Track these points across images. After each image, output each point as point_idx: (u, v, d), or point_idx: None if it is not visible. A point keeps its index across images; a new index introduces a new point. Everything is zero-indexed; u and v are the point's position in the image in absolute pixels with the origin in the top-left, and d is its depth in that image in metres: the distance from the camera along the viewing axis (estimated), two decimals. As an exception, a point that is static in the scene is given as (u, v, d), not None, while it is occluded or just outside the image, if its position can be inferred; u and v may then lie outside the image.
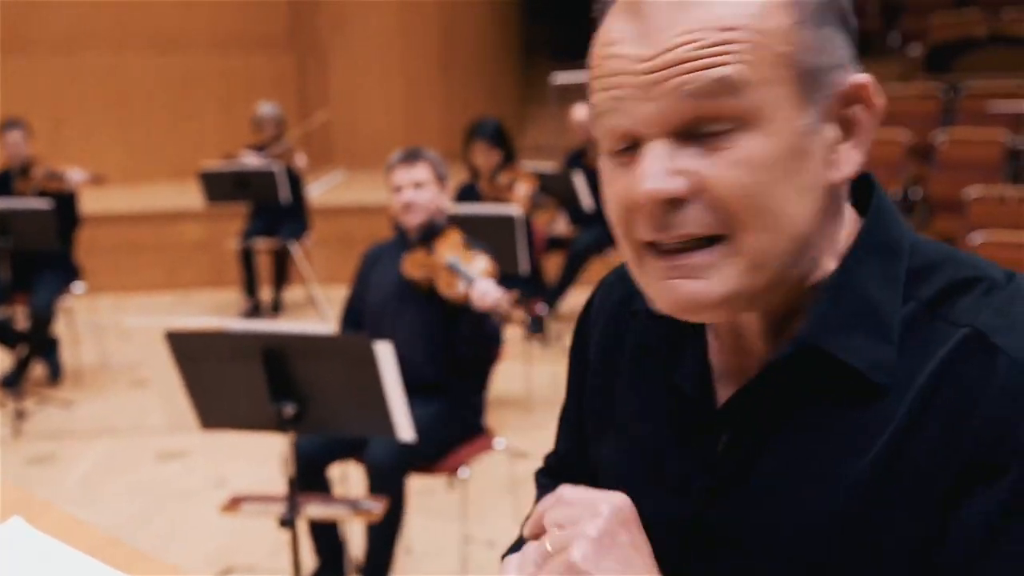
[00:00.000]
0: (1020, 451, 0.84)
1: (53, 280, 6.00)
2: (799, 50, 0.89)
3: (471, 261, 3.59)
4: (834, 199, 0.94)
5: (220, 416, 2.99)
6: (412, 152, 3.68)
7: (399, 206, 3.66)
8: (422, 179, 3.63)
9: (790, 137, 0.89)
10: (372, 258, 3.83)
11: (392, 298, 3.69)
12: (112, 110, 10.09)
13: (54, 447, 5.23)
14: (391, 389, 2.82)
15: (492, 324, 3.49)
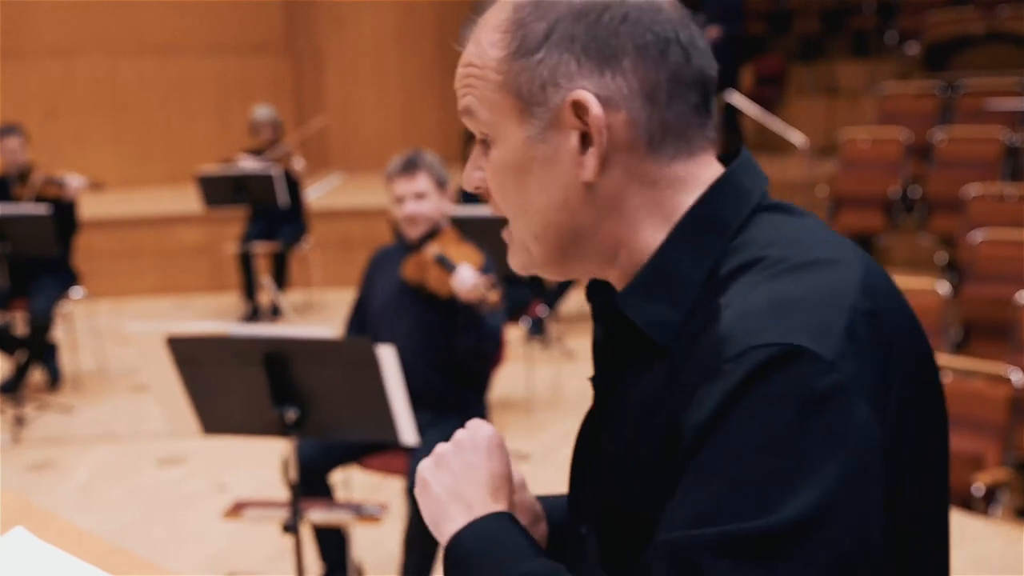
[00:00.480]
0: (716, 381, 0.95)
1: (52, 286, 5.99)
2: (509, 77, 1.08)
3: (456, 253, 3.60)
4: (606, 193, 1.08)
5: (222, 421, 2.98)
6: (411, 161, 3.63)
7: (401, 217, 3.66)
8: (423, 190, 3.61)
9: (516, 146, 1.09)
10: (377, 261, 3.83)
11: (393, 302, 3.69)
12: (106, 115, 10.08)
13: (54, 453, 5.22)
14: (394, 392, 2.81)
15: (490, 322, 3.47)
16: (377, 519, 2.98)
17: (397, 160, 3.67)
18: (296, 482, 2.95)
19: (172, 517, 4.48)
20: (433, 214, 3.64)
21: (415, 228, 3.65)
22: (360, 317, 3.82)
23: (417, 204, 3.61)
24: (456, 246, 3.63)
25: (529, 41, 1.07)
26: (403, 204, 3.63)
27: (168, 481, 4.87)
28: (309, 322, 7.66)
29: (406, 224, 3.66)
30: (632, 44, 1.05)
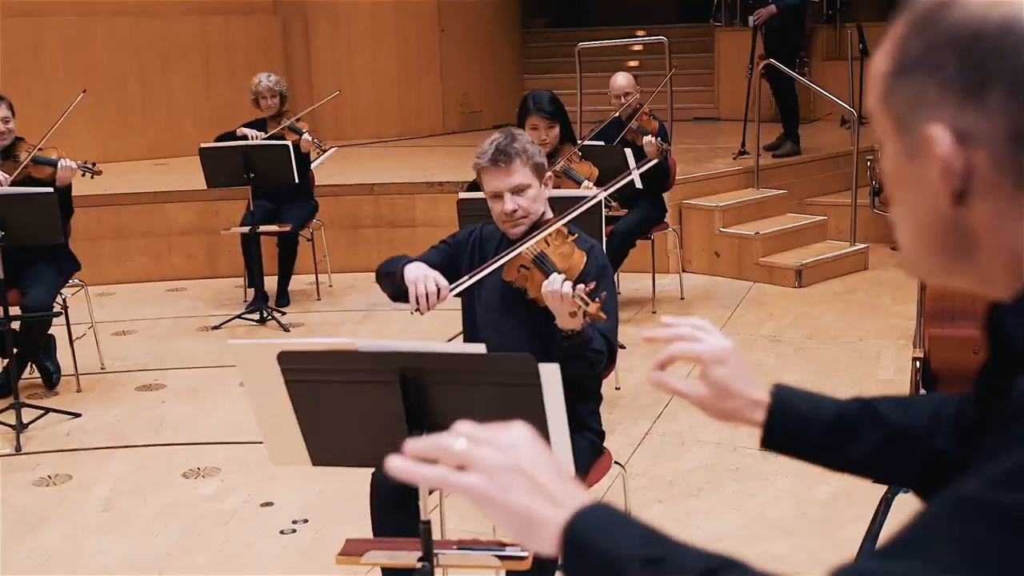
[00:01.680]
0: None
1: (50, 274, 5.36)
2: (887, 93, 1.05)
3: (558, 254, 3.06)
4: (975, 223, 1.01)
5: (337, 451, 2.44)
6: (503, 151, 3.06)
7: (497, 216, 3.11)
8: (522, 182, 3.06)
9: (892, 159, 1.07)
10: (479, 241, 3.24)
11: (496, 300, 3.16)
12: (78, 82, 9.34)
13: (64, 466, 4.62)
14: (555, 417, 2.28)
15: (594, 345, 2.91)
16: (523, 562, 2.46)
17: (486, 147, 3.11)
18: (428, 521, 2.42)
19: (215, 541, 3.92)
20: (535, 208, 3.11)
21: (515, 227, 3.11)
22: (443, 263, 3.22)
23: (515, 200, 3.07)
24: (560, 245, 3.09)
25: (906, 61, 1.03)
26: (499, 201, 3.08)
27: (202, 498, 4.30)
28: (322, 311, 7.09)
29: (503, 223, 3.12)
30: (1003, 79, 0.95)
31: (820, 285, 7.25)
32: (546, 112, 4.99)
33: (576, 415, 3.15)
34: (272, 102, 6.97)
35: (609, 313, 2.97)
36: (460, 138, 11.09)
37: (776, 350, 5.89)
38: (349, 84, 10.50)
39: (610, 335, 2.97)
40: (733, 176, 8.31)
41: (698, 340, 1.52)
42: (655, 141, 6.16)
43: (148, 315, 7.01)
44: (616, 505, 1.08)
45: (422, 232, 7.98)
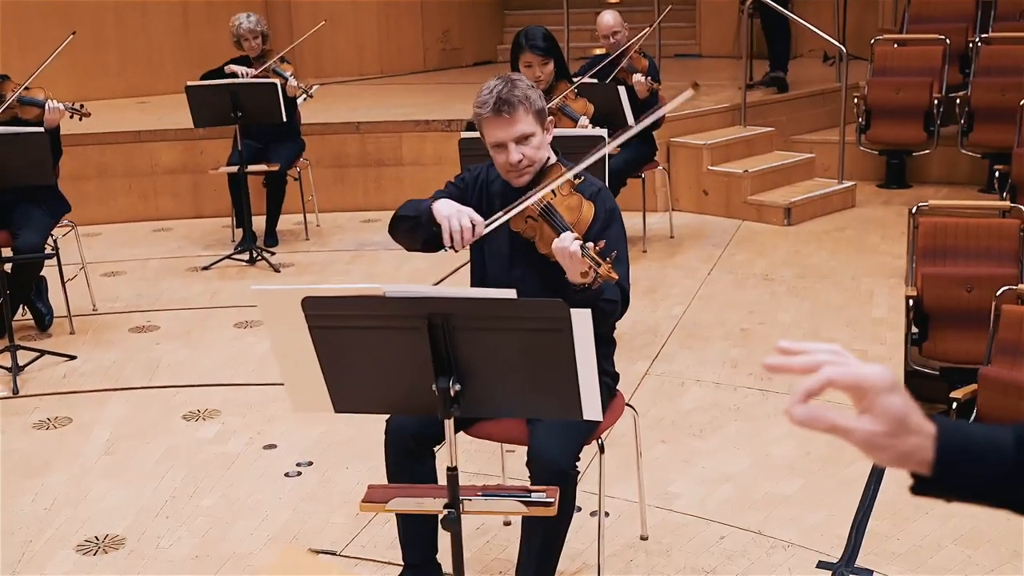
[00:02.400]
0: None
1: (40, 216, 5.29)
2: None
3: (565, 206, 3.00)
4: None
5: (361, 398, 2.43)
6: (505, 100, 2.94)
7: (501, 166, 3.04)
8: (525, 131, 2.97)
9: None
10: (483, 185, 3.16)
11: (503, 247, 3.09)
12: (53, 19, 9.17)
13: (62, 409, 4.59)
14: (585, 363, 2.28)
15: (608, 295, 2.86)
16: (550, 508, 2.46)
17: (485, 96, 2.97)
18: (455, 468, 2.42)
19: (220, 484, 3.91)
20: (539, 156, 3.04)
21: (521, 178, 3.04)
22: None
23: (520, 150, 2.98)
24: (567, 196, 3.02)
25: None
26: (502, 152, 2.99)
27: (204, 440, 4.28)
28: (310, 250, 7.04)
29: (507, 173, 3.05)
30: None
31: (809, 223, 7.26)
32: (540, 49, 4.90)
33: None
34: (255, 43, 6.84)
35: (621, 260, 2.94)
36: (442, 75, 10.96)
37: (769, 288, 5.90)
38: (329, 21, 10.31)
39: (623, 282, 2.94)
40: (720, 114, 8.26)
41: (846, 365, 1.22)
42: (645, 80, 6.11)
43: (136, 256, 6.94)
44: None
45: (408, 171, 7.93)
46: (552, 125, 3.09)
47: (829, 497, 3.66)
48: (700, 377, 4.73)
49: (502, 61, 11.42)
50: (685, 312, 5.56)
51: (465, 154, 4.25)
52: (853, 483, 3.72)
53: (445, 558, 3.06)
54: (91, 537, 3.55)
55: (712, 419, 4.31)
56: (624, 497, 3.65)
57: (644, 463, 3.46)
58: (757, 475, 3.85)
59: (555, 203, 2.98)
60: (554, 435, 2.88)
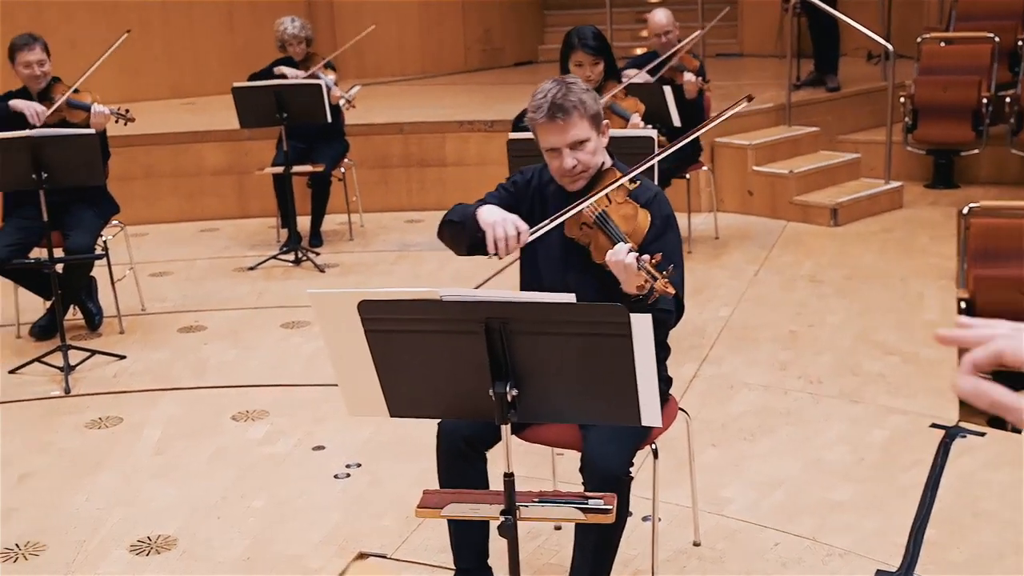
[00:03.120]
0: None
1: (91, 217, 5.34)
2: None
3: (620, 215, 2.94)
4: None
5: (417, 403, 2.42)
6: (559, 105, 2.89)
7: (555, 171, 3.00)
8: (580, 136, 2.93)
9: None
10: (538, 187, 3.13)
11: (557, 252, 3.06)
12: (101, 20, 9.25)
13: (113, 409, 4.63)
14: (644, 369, 2.26)
15: (662, 305, 2.82)
16: (608, 515, 2.44)
17: (539, 100, 2.92)
18: (512, 473, 2.41)
19: (270, 485, 3.92)
20: (594, 161, 3.00)
21: (575, 183, 3.01)
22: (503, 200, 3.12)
23: (574, 156, 2.94)
24: (622, 204, 2.97)
25: None
26: (556, 157, 2.96)
27: (253, 441, 4.30)
28: (355, 251, 7.06)
29: (563, 179, 3.02)
30: None
31: (855, 224, 7.19)
32: (591, 48, 4.87)
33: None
34: (299, 48, 6.88)
35: (676, 266, 2.91)
36: (483, 75, 10.96)
37: (817, 290, 5.85)
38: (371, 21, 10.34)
39: (679, 289, 2.90)
40: (764, 114, 8.20)
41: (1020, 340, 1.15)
42: (696, 80, 6.07)
43: (183, 256, 6.99)
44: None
45: (451, 171, 7.93)
46: (608, 128, 3.06)
47: (884, 504, 3.62)
48: (749, 380, 4.69)
49: (543, 61, 11.41)
50: (732, 314, 5.52)
51: (514, 155, 4.24)
52: (909, 490, 3.67)
53: (495, 561, 3.06)
54: (144, 537, 3.57)
55: (762, 423, 4.28)
56: (675, 502, 3.63)
57: (696, 466, 3.43)
58: (809, 480, 3.80)
59: (610, 211, 2.94)
60: (608, 440, 2.86)
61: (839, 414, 4.32)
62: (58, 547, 3.52)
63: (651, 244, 2.87)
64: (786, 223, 7.27)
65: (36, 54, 5.29)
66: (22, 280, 5.31)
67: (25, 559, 3.46)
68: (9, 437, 4.37)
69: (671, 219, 3.00)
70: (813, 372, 4.74)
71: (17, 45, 5.31)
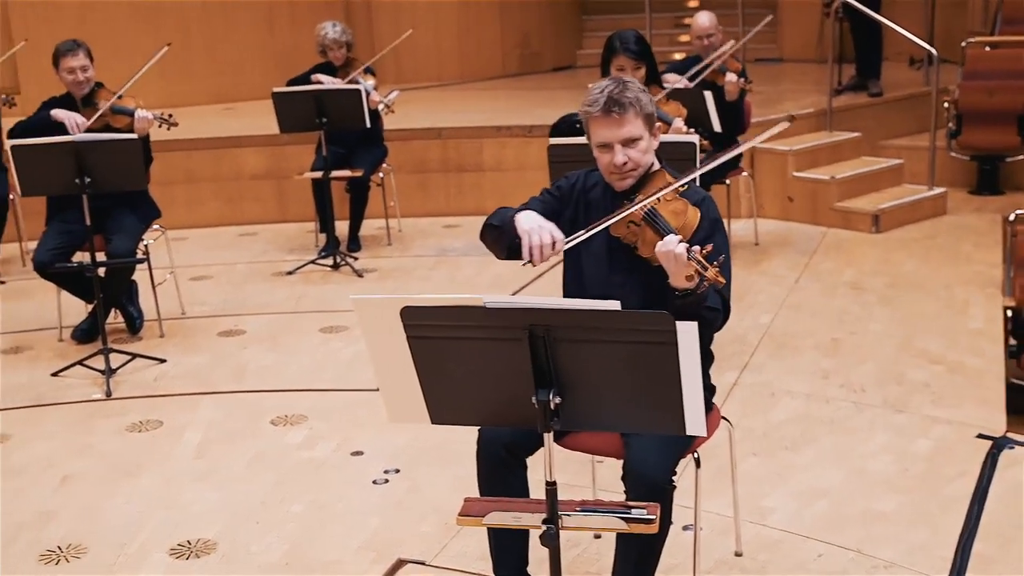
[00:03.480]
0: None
1: (133, 222, 5.37)
2: None
3: (670, 210, 2.94)
4: None
5: (459, 410, 2.40)
6: (616, 100, 2.90)
7: (605, 167, 3.00)
8: (633, 134, 2.93)
9: None
10: (584, 188, 3.12)
11: (604, 253, 3.04)
12: (143, 25, 9.33)
13: (153, 412, 4.64)
14: (690, 377, 2.23)
15: (710, 303, 2.80)
16: (650, 525, 2.42)
17: (596, 95, 2.94)
18: (554, 482, 2.39)
19: (309, 490, 3.92)
20: (645, 160, 2.99)
21: (623, 181, 3.00)
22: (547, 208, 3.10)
23: (626, 152, 2.94)
24: (671, 201, 2.96)
25: None
26: (608, 152, 2.95)
27: (292, 446, 4.30)
28: (393, 256, 7.06)
29: (611, 175, 3.00)
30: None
31: (898, 231, 7.11)
32: (634, 52, 4.83)
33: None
34: (339, 53, 6.90)
35: (725, 269, 2.89)
36: (521, 80, 10.95)
37: (859, 298, 5.78)
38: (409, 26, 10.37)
39: (725, 291, 2.88)
40: (805, 119, 8.13)
41: None
42: (738, 80, 6.03)
43: (223, 260, 7.03)
44: None
45: (489, 176, 7.92)
46: (659, 131, 3.04)
47: (930, 515, 3.56)
48: (791, 388, 4.64)
49: (581, 66, 11.38)
50: (773, 321, 5.47)
51: (555, 160, 4.22)
52: (955, 502, 3.61)
53: (535, 569, 3.04)
54: (183, 541, 3.57)
55: (805, 431, 4.23)
56: (716, 511, 3.59)
57: (737, 475, 3.39)
58: (853, 491, 3.75)
59: (659, 207, 2.94)
60: (651, 449, 2.83)
61: (883, 423, 4.26)
62: (99, 550, 3.53)
63: (700, 243, 2.85)
64: (827, 230, 7.20)
65: (79, 60, 5.33)
66: (65, 283, 5.34)
67: (67, 561, 3.48)
68: (50, 440, 4.40)
69: (719, 223, 2.98)
70: (856, 381, 4.68)
71: (60, 51, 5.35)
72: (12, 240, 6.97)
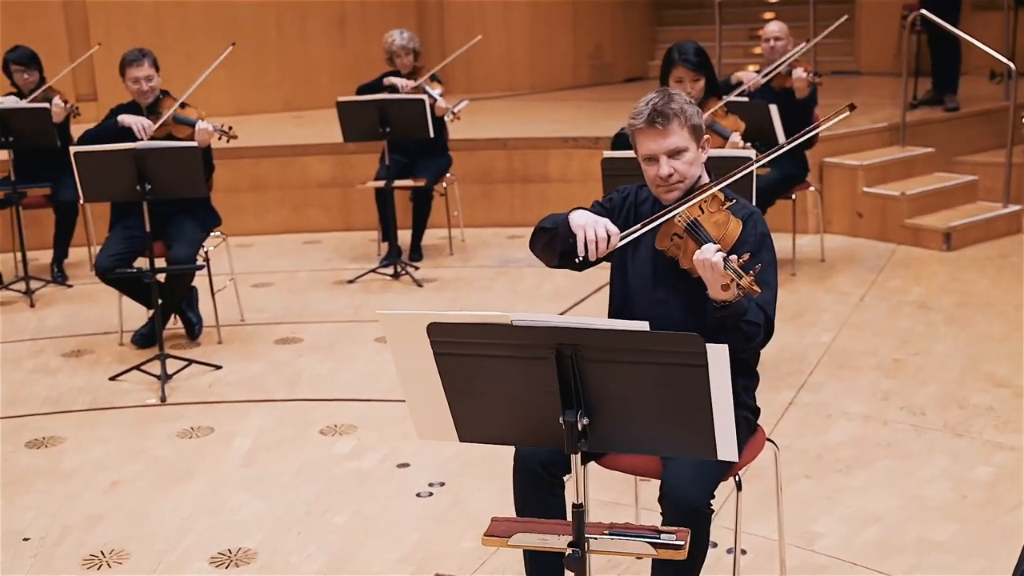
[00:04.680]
0: None
1: (193, 229, 5.43)
2: None
3: (712, 222, 2.88)
4: None
5: (486, 428, 2.36)
6: (660, 111, 2.87)
7: (651, 180, 2.95)
8: (679, 145, 2.89)
9: None
10: (634, 203, 3.07)
11: (648, 269, 3.00)
12: (217, 38, 9.46)
13: (205, 418, 4.68)
14: (720, 400, 2.17)
15: (750, 317, 2.74)
16: (679, 551, 2.35)
17: (641, 107, 2.91)
18: (582, 504, 2.34)
19: (353, 501, 3.91)
20: (691, 172, 2.94)
21: (670, 193, 2.95)
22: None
23: (671, 164, 2.89)
24: (715, 212, 2.92)
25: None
26: (654, 165, 2.91)
27: (339, 456, 4.30)
28: (454, 266, 7.06)
29: (657, 188, 2.96)
30: None
31: (970, 249, 6.92)
32: (692, 64, 4.77)
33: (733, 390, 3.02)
34: (407, 60, 6.91)
35: (768, 284, 2.83)
36: (592, 91, 10.91)
37: (925, 317, 5.63)
38: (481, 35, 10.40)
39: (768, 308, 2.82)
40: (877, 134, 7.97)
41: None
42: (807, 75, 5.94)
43: (285, 267, 7.08)
44: None
45: (555, 188, 7.88)
46: (708, 144, 2.99)
47: (986, 545, 3.44)
48: (848, 409, 4.52)
49: (653, 77, 11.29)
50: (835, 339, 5.35)
51: (608, 173, 4.17)
52: (1013, 531, 3.48)
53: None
54: (225, 550, 3.58)
55: (860, 454, 4.11)
56: (763, 534, 3.50)
57: (785, 499, 3.31)
58: (907, 517, 3.64)
59: (702, 219, 2.89)
60: (689, 471, 2.76)
61: (942, 448, 4.13)
62: (140, 556, 3.56)
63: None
64: (896, 246, 7.04)
65: (143, 70, 5.41)
66: (125, 289, 5.42)
67: (108, 567, 3.50)
68: (104, 444, 4.45)
69: (766, 239, 2.92)
70: (917, 403, 4.55)
71: (126, 60, 5.44)
72: (81, 244, 7.11)
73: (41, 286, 6.65)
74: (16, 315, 6.21)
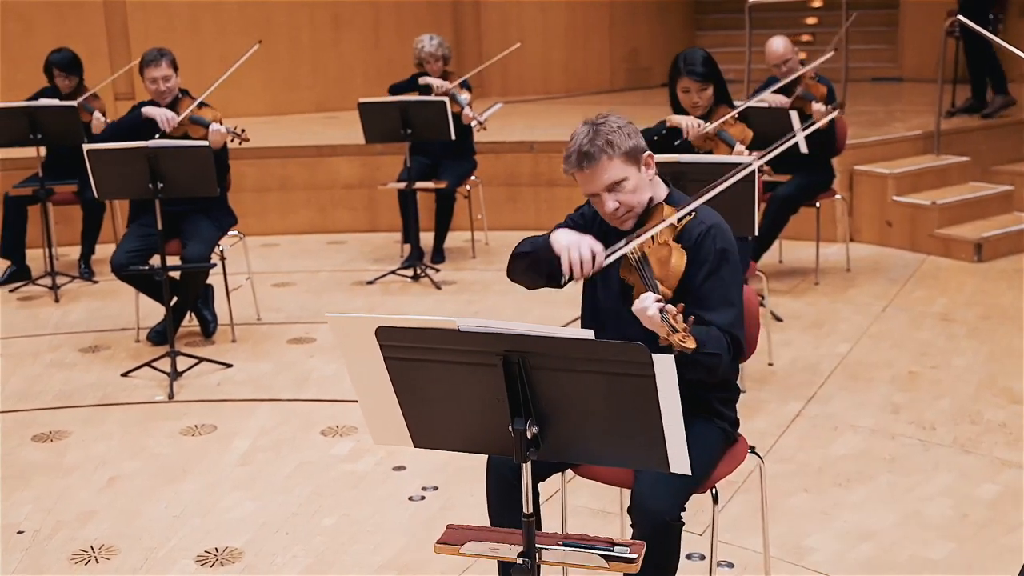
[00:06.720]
0: None
1: (208, 228, 5.46)
2: None
3: (659, 259, 2.79)
4: None
5: (439, 434, 2.34)
6: (585, 154, 2.78)
7: (603, 215, 2.89)
8: (615, 178, 2.80)
9: None
10: (602, 224, 3.03)
11: (615, 292, 2.94)
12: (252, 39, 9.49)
13: (210, 416, 4.70)
14: (669, 412, 2.12)
15: (710, 354, 2.69)
16: (632, 564, 2.31)
17: (570, 148, 2.84)
18: (531, 515, 2.30)
19: (344, 503, 3.90)
20: (637, 199, 2.85)
21: (623, 223, 2.88)
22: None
23: (615, 198, 2.82)
24: (661, 247, 2.81)
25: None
26: (598, 202, 2.85)
27: (336, 457, 4.29)
28: (476, 269, 7.04)
29: (612, 221, 2.88)
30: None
31: (1002, 260, 6.77)
32: (699, 75, 4.68)
33: (708, 402, 2.97)
34: (436, 66, 6.92)
35: (731, 304, 2.77)
36: (628, 96, 10.84)
37: (946, 330, 5.51)
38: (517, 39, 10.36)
39: (733, 329, 2.75)
40: (911, 141, 7.83)
41: None
42: (825, 108, 5.80)
43: (307, 267, 7.11)
44: None
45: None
46: (651, 159, 2.90)
47: (982, 566, 3.34)
48: (856, 422, 4.44)
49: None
50: (851, 351, 5.25)
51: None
52: (1012, 552, 3.39)
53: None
54: (211, 548, 3.58)
55: (862, 468, 4.03)
56: (753, 548, 3.44)
57: (782, 512, 3.26)
58: (903, 535, 3.55)
59: (649, 254, 2.82)
60: (661, 482, 2.70)
61: (948, 464, 4.04)
62: (129, 553, 3.57)
63: (703, 283, 2.74)
64: (925, 257, 6.91)
65: (161, 70, 5.45)
66: (140, 285, 5.45)
67: (96, 562, 3.52)
68: (107, 440, 4.49)
69: (727, 253, 2.82)
70: (927, 417, 4.45)
71: (145, 61, 5.48)
72: (109, 241, 7.18)
73: (67, 282, 6.73)
74: (40, 309, 6.29)
